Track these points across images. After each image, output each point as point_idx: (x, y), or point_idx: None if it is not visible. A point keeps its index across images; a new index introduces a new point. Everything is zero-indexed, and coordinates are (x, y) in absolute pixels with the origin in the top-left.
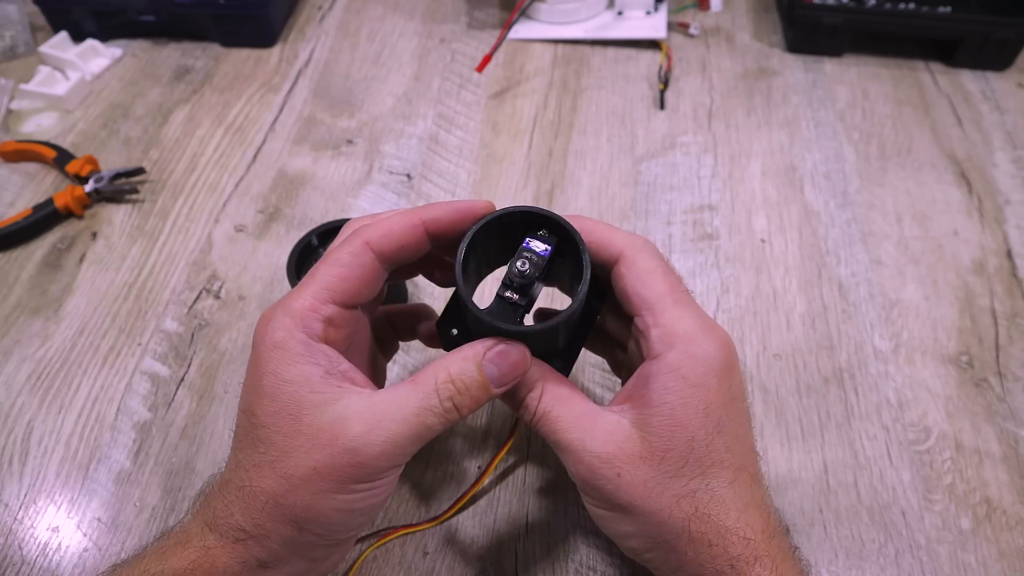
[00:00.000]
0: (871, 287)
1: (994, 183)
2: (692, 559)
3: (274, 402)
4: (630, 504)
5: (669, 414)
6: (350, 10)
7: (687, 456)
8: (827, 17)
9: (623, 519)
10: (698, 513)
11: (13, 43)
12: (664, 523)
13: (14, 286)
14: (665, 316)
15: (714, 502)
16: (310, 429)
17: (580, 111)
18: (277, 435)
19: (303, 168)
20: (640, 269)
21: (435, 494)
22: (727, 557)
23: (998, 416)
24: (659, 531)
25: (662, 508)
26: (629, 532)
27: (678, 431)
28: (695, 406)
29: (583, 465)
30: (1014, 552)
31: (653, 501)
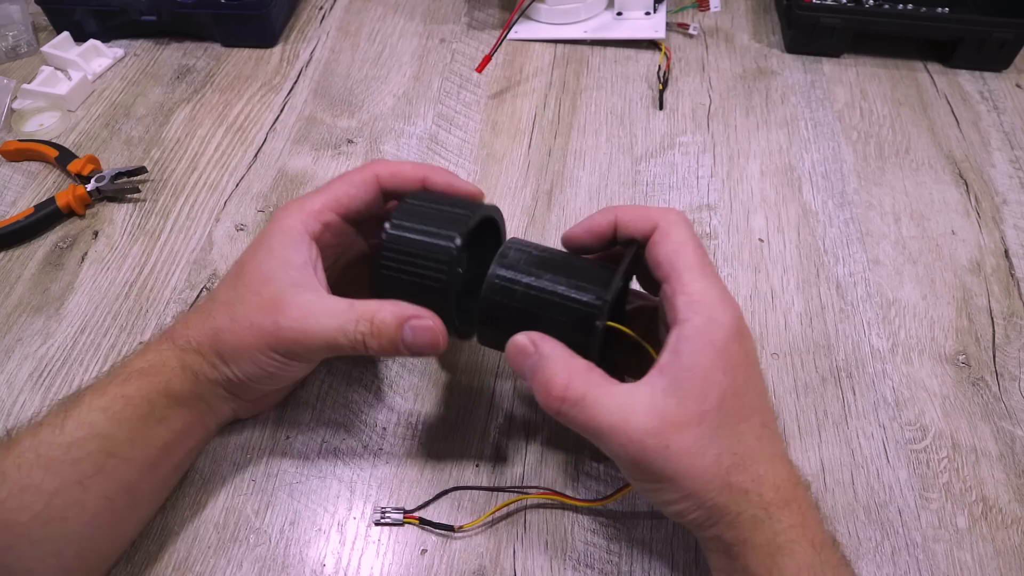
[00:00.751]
0: (869, 286)
1: (992, 183)
2: (732, 508)
3: (259, 266)
4: (679, 472)
5: (702, 376)
6: (350, 10)
7: (721, 415)
8: (826, 17)
9: (671, 487)
10: (735, 464)
11: (16, 43)
12: (710, 481)
13: (16, 284)
14: (692, 285)
15: (748, 453)
16: (266, 294)
17: (579, 111)
18: (243, 287)
19: (304, 168)
20: (674, 240)
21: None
22: (762, 502)
23: (995, 415)
24: (705, 489)
25: (707, 467)
26: (676, 498)
27: (711, 391)
28: (723, 367)
29: (632, 444)
30: (1010, 550)
31: (699, 464)
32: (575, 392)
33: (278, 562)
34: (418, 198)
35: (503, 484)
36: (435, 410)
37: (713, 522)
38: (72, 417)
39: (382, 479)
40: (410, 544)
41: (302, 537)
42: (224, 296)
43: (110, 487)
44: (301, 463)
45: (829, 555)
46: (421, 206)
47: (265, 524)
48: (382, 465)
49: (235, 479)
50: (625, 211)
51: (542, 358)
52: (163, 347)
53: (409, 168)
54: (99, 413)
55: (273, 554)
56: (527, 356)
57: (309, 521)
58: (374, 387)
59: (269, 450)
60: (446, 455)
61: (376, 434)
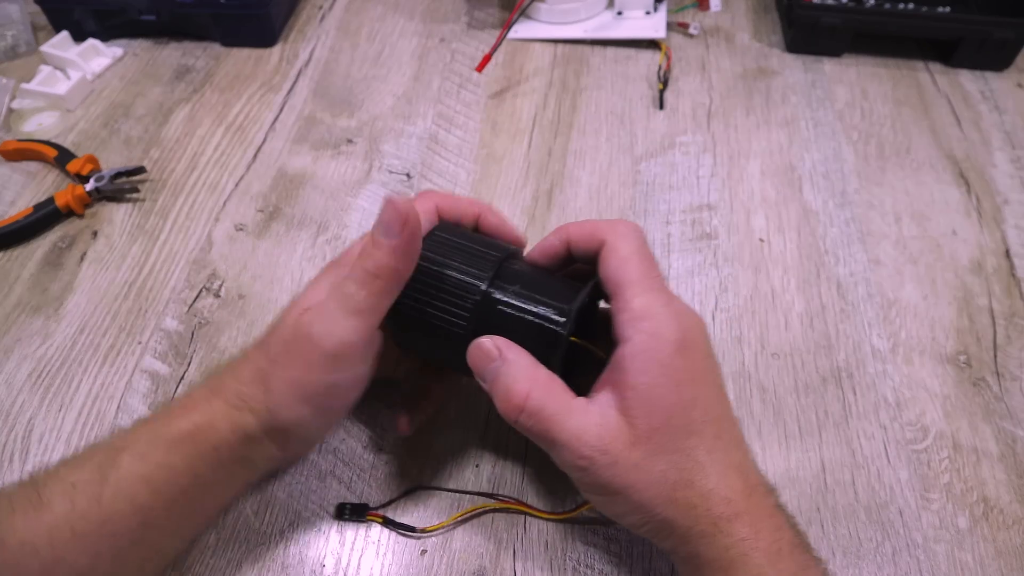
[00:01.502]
0: (869, 286)
1: (993, 183)
2: (680, 523)
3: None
4: (626, 486)
5: (646, 395)
6: (350, 10)
7: (668, 432)
8: (826, 17)
9: (619, 500)
10: (681, 480)
11: (14, 42)
12: (656, 496)
13: (15, 284)
14: (634, 301)
15: (695, 469)
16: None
17: (579, 111)
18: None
19: (303, 167)
20: (618, 255)
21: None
22: (710, 517)
23: (996, 415)
24: (652, 504)
25: (653, 483)
26: (626, 511)
27: (657, 410)
28: (667, 384)
29: (582, 459)
30: (1011, 551)
31: (645, 479)
32: (534, 403)
33: (278, 562)
34: (447, 231)
35: (503, 484)
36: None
37: (665, 536)
38: (111, 485)
39: (382, 479)
40: (410, 544)
41: (302, 537)
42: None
43: (144, 555)
44: (301, 463)
45: (786, 563)
46: (450, 239)
47: (265, 524)
48: (382, 465)
49: None
50: (575, 229)
51: (505, 363)
52: (213, 405)
53: (466, 203)
54: (141, 484)
55: (273, 554)
56: (490, 360)
57: (309, 521)
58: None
59: None
60: (446, 455)
61: (376, 434)
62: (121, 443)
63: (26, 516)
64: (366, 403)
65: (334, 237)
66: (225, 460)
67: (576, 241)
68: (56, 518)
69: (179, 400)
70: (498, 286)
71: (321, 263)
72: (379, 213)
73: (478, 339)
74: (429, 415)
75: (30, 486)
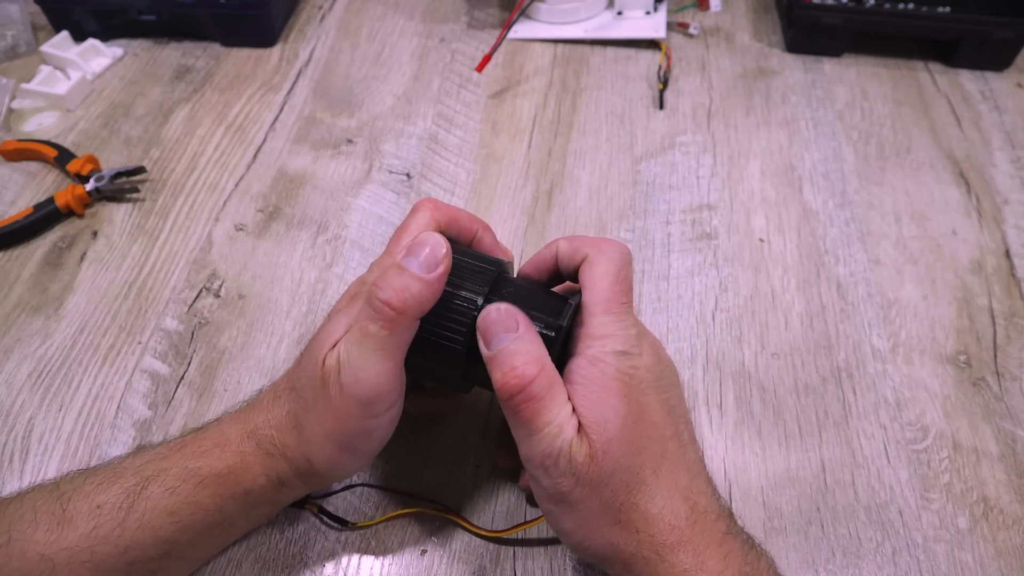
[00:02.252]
0: (869, 287)
1: (993, 183)
2: (624, 548)
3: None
4: (579, 500)
5: (595, 407)
6: (350, 10)
7: (619, 446)
8: (826, 17)
9: (570, 514)
10: (628, 502)
11: (14, 42)
12: (603, 515)
13: (15, 284)
14: (593, 320)
15: (642, 490)
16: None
17: (579, 111)
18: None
19: (303, 167)
20: (593, 272)
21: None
22: (652, 544)
23: (996, 415)
24: (598, 523)
25: (602, 502)
26: (574, 527)
27: (607, 423)
28: (613, 399)
29: (549, 457)
30: (1011, 551)
31: (595, 497)
32: (537, 389)
33: (278, 562)
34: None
35: (503, 485)
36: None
37: (611, 561)
38: (136, 513)
39: (382, 478)
40: (410, 544)
41: (302, 537)
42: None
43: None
44: None
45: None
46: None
47: (265, 524)
48: (382, 465)
49: None
50: (565, 243)
51: (521, 339)
52: (246, 448)
53: (467, 220)
54: (165, 517)
55: (273, 554)
56: (508, 330)
57: (309, 521)
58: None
59: None
60: (446, 454)
61: None
62: (151, 470)
63: (49, 530)
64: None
65: (334, 237)
66: (255, 502)
67: (562, 255)
68: (78, 538)
69: (212, 432)
70: (491, 300)
71: (321, 263)
72: (413, 246)
73: (498, 304)
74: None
75: (55, 497)
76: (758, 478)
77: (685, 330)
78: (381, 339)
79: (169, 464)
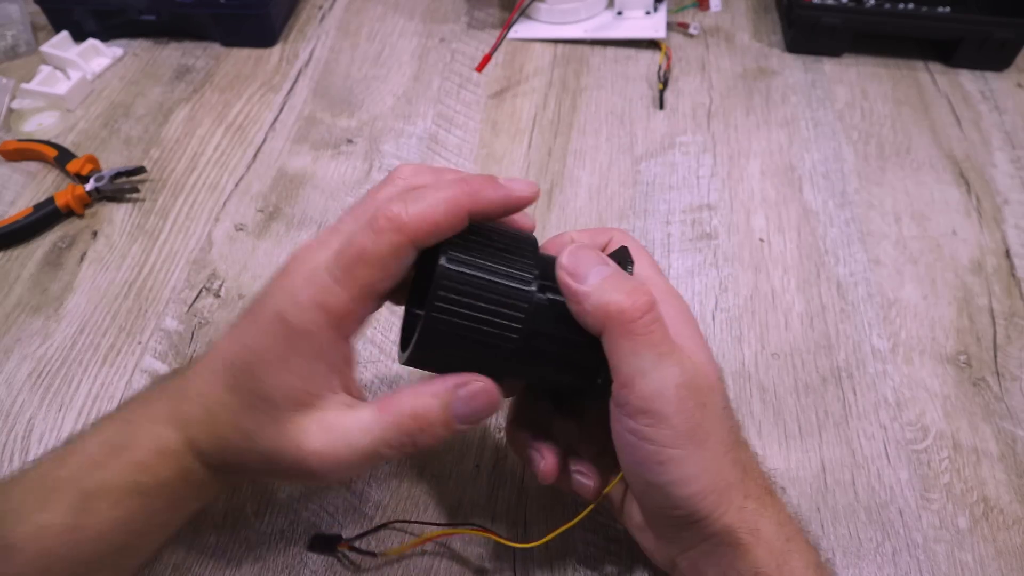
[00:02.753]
0: (869, 286)
1: (993, 183)
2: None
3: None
4: (709, 434)
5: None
6: (350, 10)
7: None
8: (826, 17)
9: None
10: (739, 439)
11: (14, 42)
12: (725, 453)
13: (15, 284)
14: (646, 274)
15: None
16: (282, 419)
17: (579, 111)
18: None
19: (303, 167)
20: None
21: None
22: (764, 483)
23: (996, 415)
24: (722, 462)
25: (724, 437)
26: (695, 473)
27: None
28: (700, 339)
29: (687, 382)
30: (1011, 551)
31: (721, 429)
32: (659, 311)
33: (278, 563)
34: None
35: (503, 485)
36: None
37: (723, 510)
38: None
39: (382, 478)
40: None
41: (302, 537)
42: (229, 400)
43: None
44: None
45: (822, 557)
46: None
47: (265, 524)
48: (382, 466)
49: None
50: (580, 233)
51: (618, 271)
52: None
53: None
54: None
55: (273, 555)
56: (601, 263)
57: (309, 522)
58: (374, 387)
59: None
60: (446, 454)
61: None
62: (91, 484)
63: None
64: None
65: None
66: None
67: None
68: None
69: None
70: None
71: None
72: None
73: (576, 244)
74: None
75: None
76: None
77: None
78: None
79: (110, 475)
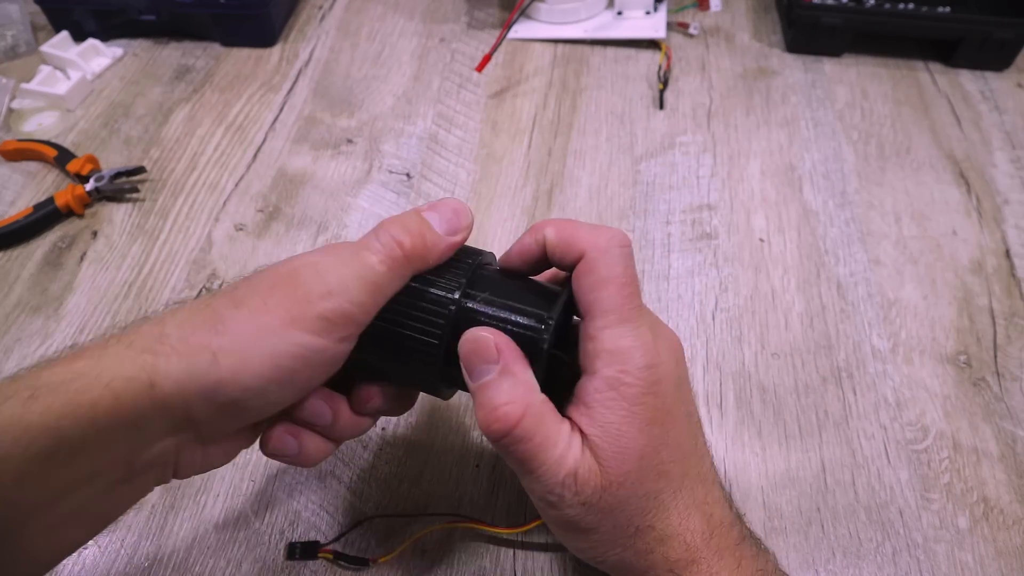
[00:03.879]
0: (869, 287)
1: (993, 183)
2: (637, 567)
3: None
4: (589, 528)
5: (615, 437)
6: (350, 10)
7: (638, 475)
8: (827, 17)
9: (580, 538)
10: (644, 525)
11: (14, 42)
12: (616, 540)
13: (15, 284)
14: (604, 332)
15: (659, 512)
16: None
17: (579, 111)
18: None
19: (303, 167)
20: (596, 275)
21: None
22: (667, 563)
23: (996, 415)
24: (611, 546)
25: (616, 527)
26: (585, 547)
27: (627, 454)
28: (636, 425)
29: (552, 495)
30: (1011, 551)
31: (609, 523)
32: (523, 431)
33: (278, 563)
34: None
35: (503, 484)
36: (436, 409)
37: (626, 574)
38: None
39: (382, 479)
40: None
41: (302, 537)
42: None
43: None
44: None
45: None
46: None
47: (265, 524)
48: (382, 465)
49: (235, 479)
50: (553, 232)
51: (504, 375)
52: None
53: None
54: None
55: (273, 554)
56: (487, 361)
57: (309, 522)
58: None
59: None
60: (446, 454)
61: (376, 434)
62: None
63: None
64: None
65: (334, 237)
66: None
67: (553, 246)
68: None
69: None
70: (470, 295)
71: None
72: (438, 204)
73: (475, 330)
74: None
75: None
76: (758, 478)
77: (685, 330)
78: (374, 271)
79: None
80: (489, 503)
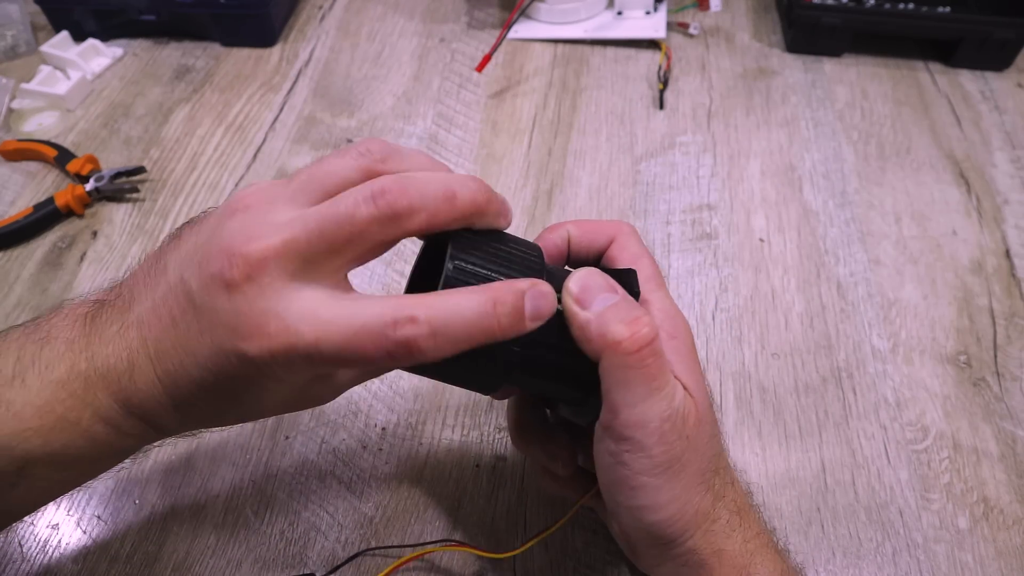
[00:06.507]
0: (869, 287)
1: (993, 183)
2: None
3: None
4: (686, 464)
5: (686, 378)
6: (350, 10)
7: (710, 415)
8: (827, 17)
9: (670, 484)
10: (720, 466)
11: (14, 42)
12: (701, 481)
13: (15, 284)
14: (653, 295)
15: (722, 455)
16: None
17: (579, 111)
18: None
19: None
20: (632, 252)
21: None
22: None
23: (996, 415)
24: (697, 489)
25: (702, 466)
26: (667, 500)
27: (699, 393)
28: (698, 371)
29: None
30: (1011, 551)
31: (699, 459)
32: (660, 344)
33: (278, 562)
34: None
35: (503, 485)
36: (436, 409)
37: (690, 534)
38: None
39: (382, 479)
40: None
41: (302, 537)
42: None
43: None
44: (301, 464)
45: (791, 563)
46: (487, 242)
47: (265, 524)
48: (382, 466)
49: (235, 479)
50: (578, 225)
51: (626, 299)
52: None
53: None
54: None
55: (273, 554)
56: (608, 291)
57: (309, 522)
58: (373, 387)
59: (269, 451)
60: (446, 454)
61: (376, 434)
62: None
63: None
64: (367, 407)
65: None
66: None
67: (578, 238)
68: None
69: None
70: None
71: None
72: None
73: (588, 268)
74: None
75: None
76: (758, 478)
77: None
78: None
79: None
80: (489, 503)
